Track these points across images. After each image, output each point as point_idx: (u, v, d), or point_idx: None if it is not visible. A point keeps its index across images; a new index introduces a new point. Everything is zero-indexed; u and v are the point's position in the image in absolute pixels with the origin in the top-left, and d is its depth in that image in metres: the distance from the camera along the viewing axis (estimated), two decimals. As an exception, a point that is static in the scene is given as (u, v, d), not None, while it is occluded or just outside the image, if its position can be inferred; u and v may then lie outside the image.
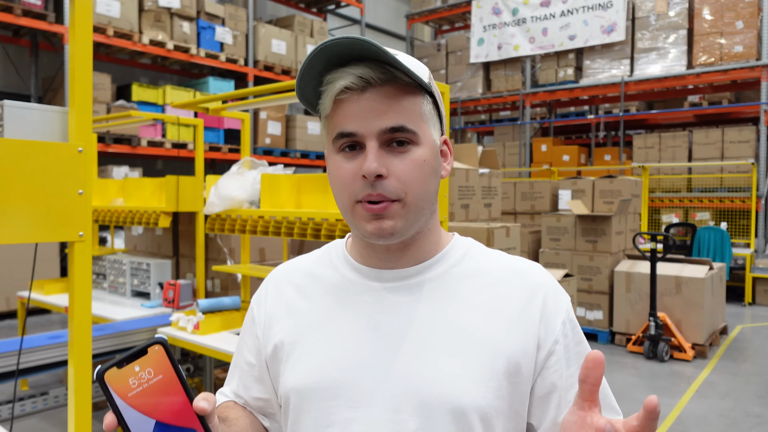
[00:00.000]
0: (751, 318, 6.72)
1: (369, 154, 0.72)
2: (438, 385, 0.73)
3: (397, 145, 0.74)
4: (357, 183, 0.73)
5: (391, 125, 0.73)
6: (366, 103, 0.73)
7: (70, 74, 1.26)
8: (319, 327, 0.80)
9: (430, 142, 0.77)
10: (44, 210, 1.23)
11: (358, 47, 0.71)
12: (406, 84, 0.75)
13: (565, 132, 12.57)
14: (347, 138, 0.74)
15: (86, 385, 1.37)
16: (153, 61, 8.42)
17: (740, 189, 8.53)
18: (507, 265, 0.83)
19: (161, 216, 3.38)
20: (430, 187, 0.77)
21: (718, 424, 3.58)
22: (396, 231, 0.74)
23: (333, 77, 0.74)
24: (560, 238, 5.84)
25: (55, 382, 4.19)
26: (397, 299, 0.79)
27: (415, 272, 0.80)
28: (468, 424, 0.73)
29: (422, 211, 0.77)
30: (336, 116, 0.76)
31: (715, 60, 8.49)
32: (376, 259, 0.81)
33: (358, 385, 0.75)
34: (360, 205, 0.74)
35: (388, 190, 0.73)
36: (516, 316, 0.78)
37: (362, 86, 0.73)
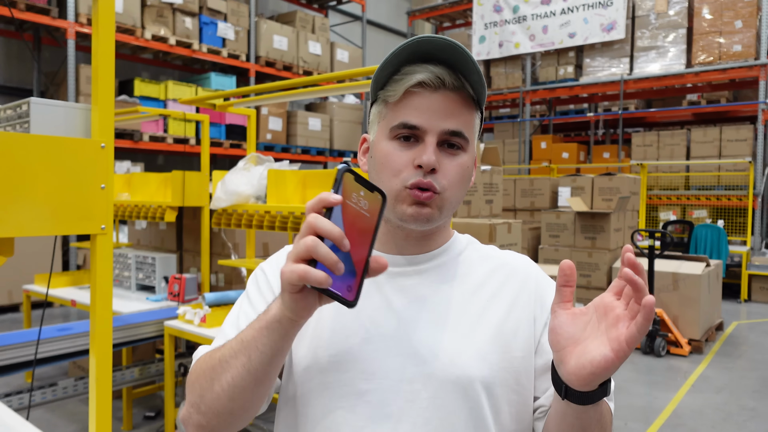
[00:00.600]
0: (747, 314, 6.79)
1: (428, 148, 0.79)
2: (447, 358, 0.80)
3: (449, 147, 0.82)
4: (409, 170, 0.79)
5: (453, 128, 0.80)
6: (436, 102, 0.80)
7: (93, 73, 1.30)
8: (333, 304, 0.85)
9: (473, 153, 0.86)
10: (68, 203, 1.28)
11: (449, 49, 0.78)
12: (469, 97, 0.83)
13: (565, 129, 12.62)
14: (408, 129, 0.80)
15: (107, 375, 1.42)
16: (155, 57, 8.45)
17: (737, 187, 8.60)
18: (501, 255, 0.94)
19: (167, 210, 3.42)
20: (464, 190, 0.85)
21: (713, 418, 3.65)
22: (432, 219, 0.81)
23: (412, 69, 0.80)
24: (559, 235, 5.90)
25: (60, 374, 4.25)
26: (409, 281, 0.85)
27: (426, 259, 0.88)
28: (474, 394, 0.80)
29: (452, 209, 0.85)
30: (403, 106, 0.81)
31: (713, 59, 8.54)
32: (392, 245, 0.88)
33: (371, 358, 0.80)
34: (407, 190, 0.80)
35: (438, 181, 0.80)
36: (514, 297, 0.87)
37: (437, 85, 0.79)
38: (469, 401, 0.79)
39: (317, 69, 9.26)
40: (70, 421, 3.47)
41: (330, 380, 0.81)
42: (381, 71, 0.82)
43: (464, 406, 0.79)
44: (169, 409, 3.08)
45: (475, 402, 0.79)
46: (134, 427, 3.41)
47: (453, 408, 0.79)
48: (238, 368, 0.71)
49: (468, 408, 0.79)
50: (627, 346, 0.63)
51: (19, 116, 1.30)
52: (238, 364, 0.71)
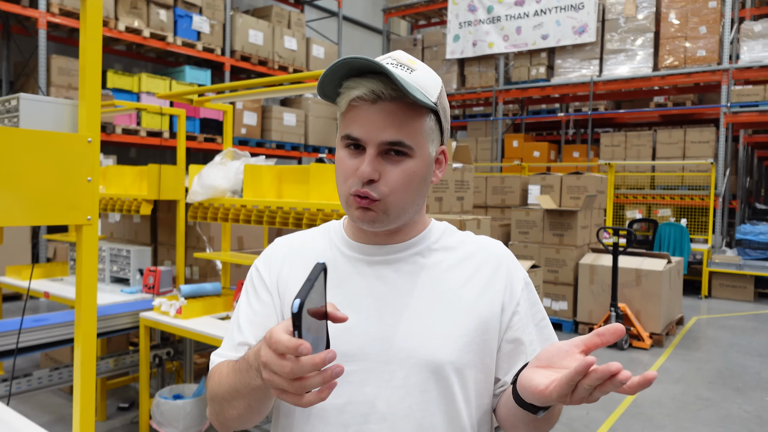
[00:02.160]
0: (707, 310, 7.07)
1: (366, 159, 0.85)
2: (419, 341, 0.88)
3: (394, 154, 0.86)
4: (353, 178, 0.86)
5: (390, 140, 0.84)
6: (373, 115, 0.84)
7: (81, 70, 1.35)
8: None
9: (424, 156, 0.89)
10: (56, 195, 1.33)
11: (374, 67, 0.82)
12: (413, 103, 0.85)
13: (537, 129, 12.86)
14: (352, 140, 0.87)
15: (92, 365, 1.47)
16: (128, 48, 8.35)
17: (700, 187, 8.91)
18: (475, 241, 1.00)
19: (143, 204, 3.45)
20: (414, 193, 0.89)
21: (670, 407, 3.83)
22: (377, 221, 0.87)
23: (351, 85, 0.85)
24: (529, 232, 6.06)
25: (31, 366, 4.23)
26: (385, 271, 0.92)
27: (401, 249, 0.94)
28: (444, 374, 0.88)
29: (404, 211, 0.89)
30: (347, 118, 0.87)
31: (679, 63, 8.82)
32: (367, 239, 0.95)
33: (352, 343, 0.88)
34: (352, 197, 0.87)
35: (376, 191, 0.85)
36: (485, 284, 0.93)
37: (373, 99, 0.83)
38: (441, 381, 0.87)
39: (293, 64, 9.27)
40: (43, 412, 3.48)
41: None
42: (322, 88, 0.87)
43: (436, 386, 0.87)
44: (144, 400, 3.12)
45: (446, 382, 0.88)
46: (108, 417, 3.44)
47: (426, 387, 0.87)
48: (240, 409, 0.84)
49: (440, 388, 0.87)
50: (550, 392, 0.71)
51: (8, 111, 1.34)
52: (240, 406, 0.83)
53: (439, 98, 0.89)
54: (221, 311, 3.06)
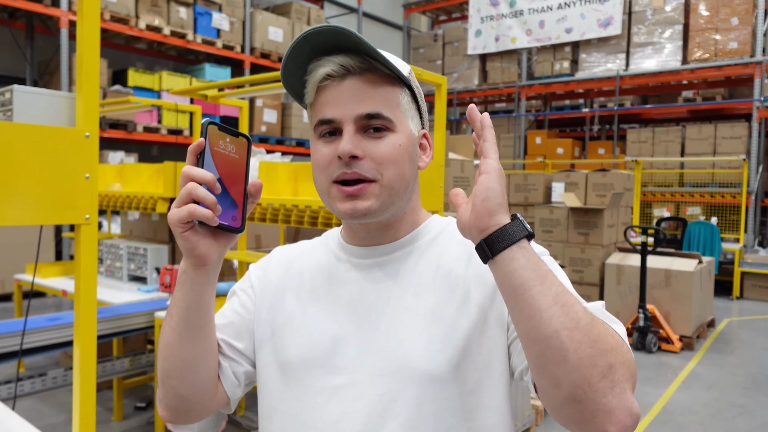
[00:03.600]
0: (739, 312, 6.83)
1: (345, 136, 0.76)
2: (413, 351, 0.78)
3: (373, 131, 0.78)
4: (333, 164, 0.78)
5: (368, 111, 0.77)
6: (345, 90, 0.77)
7: (78, 61, 1.29)
8: (309, 300, 0.86)
9: (406, 131, 0.81)
10: (52, 193, 1.27)
11: (338, 36, 0.75)
12: (386, 75, 0.79)
13: (560, 125, 12.62)
14: (327, 125, 0.78)
15: (91, 366, 1.41)
16: (149, 47, 8.39)
17: (731, 184, 8.62)
18: None
19: (159, 201, 3.40)
20: (405, 170, 0.80)
21: (702, 414, 3.67)
22: (370, 211, 0.78)
23: (315, 65, 0.78)
24: (553, 230, 5.91)
25: (51, 364, 4.24)
26: (378, 273, 0.84)
27: (395, 248, 0.85)
28: (442, 385, 0.77)
29: (398, 194, 0.80)
30: (317, 104, 0.80)
31: (709, 56, 8.55)
32: (358, 239, 0.87)
33: (343, 354, 0.80)
34: (335, 186, 0.78)
35: (365, 169, 0.77)
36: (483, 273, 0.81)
37: (342, 74, 0.77)
38: (439, 392, 0.78)
39: (313, 61, 9.22)
40: (60, 411, 3.46)
41: (307, 376, 0.82)
42: (287, 78, 0.82)
43: (433, 396, 0.77)
44: (159, 401, 3.08)
45: (445, 392, 0.77)
46: (125, 417, 3.40)
47: (422, 400, 0.77)
48: (165, 330, 0.80)
49: (438, 398, 0.77)
50: (486, 156, 0.68)
51: (2, 104, 1.28)
52: (165, 326, 0.80)
53: (410, 77, 0.83)
54: (236, 311, 2.99)
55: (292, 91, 0.84)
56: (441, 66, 11.20)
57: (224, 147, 0.74)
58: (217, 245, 0.75)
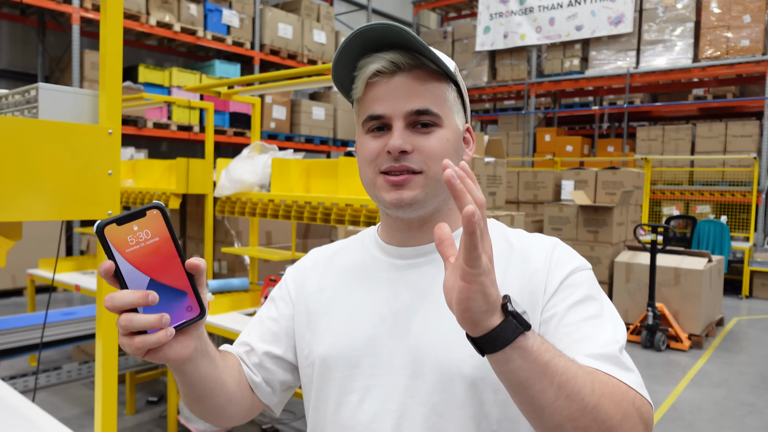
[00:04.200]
0: (748, 311, 6.80)
1: (395, 132, 0.78)
2: (446, 353, 0.78)
3: (422, 126, 0.79)
4: (382, 157, 0.79)
5: (417, 107, 0.78)
6: (395, 86, 0.78)
7: (101, 60, 1.30)
8: (345, 300, 0.87)
9: (453, 126, 0.83)
10: (76, 189, 1.29)
11: (391, 33, 0.76)
12: (433, 71, 0.81)
13: (569, 122, 12.58)
14: (376, 120, 0.80)
15: (113, 359, 1.43)
16: (159, 43, 8.43)
17: (741, 183, 8.57)
18: (520, 240, 0.86)
19: (171, 197, 3.43)
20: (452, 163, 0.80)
21: (711, 412, 3.67)
22: (415, 201, 0.79)
23: (366, 62, 0.80)
24: (562, 228, 5.90)
25: (63, 358, 4.28)
26: (414, 275, 0.84)
27: (430, 250, 0.84)
28: (475, 390, 0.77)
29: (443, 186, 0.80)
30: (366, 99, 0.81)
31: (721, 54, 8.49)
32: (399, 236, 0.87)
33: (377, 354, 0.81)
34: (382, 176, 0.80)
35: (413, 162, 0.78)
36: (519, 278, 0.80)
37: (392, 70, 0.78)
38: (471, 398, 0.77)
39: (322, 58, 9.23)
40: (74, 405, 3.51)
41: (339, 375, 0.83)
42: (337, 73, 0.83)
43: (465, 402, 0.77)
44: (172, 394, 3.11)
45: (477, 399, 0.77)
46: (137, 411, 3.44)
47: (453, 405, 0.77)
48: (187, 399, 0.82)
49: (469, 404, 0.77)
50: (467, 265, 0.55)
51: (27, 101, 1.30)
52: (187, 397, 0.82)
53: (456, 73, 0.84)
54: (249, 307, 3.02)
55: (340, 86, 0.85)
56: (450, 63, 11.17)
57: (136, 239, 0.63)
58: (187, 339, 0.68)
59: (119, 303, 0.61)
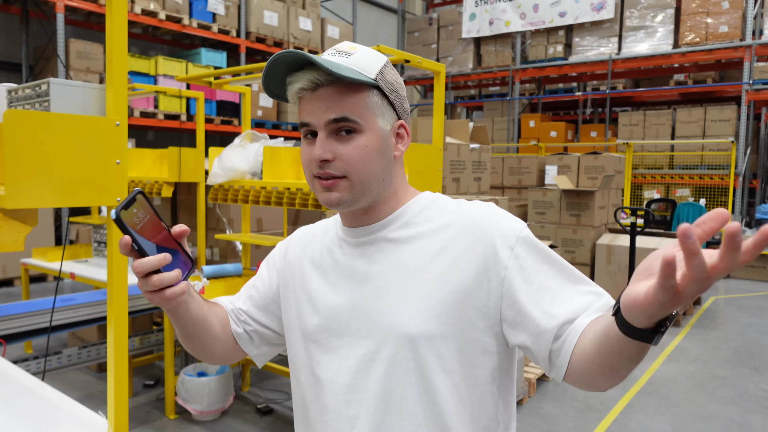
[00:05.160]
0: (725, 290, 7.03)
1: (318, 142, 0.91)
2: (390, 317, 0.92)
3: (345, 133, 0.91)
4: (313, 163, 0.92)
5: (334, 117, 0.89)
6: (317, 101, 0.90)
7: (108, 55, 1.39)
8: (320, 276, 1.02)
9: (375, 130, 0.92)
10: (87, 177, 1.37)
11: (303, 60, 0.89)
12: (351, 83, 0.90)
13: (553, 108, 12.72)
14: (306, 127, 0.92)
15: (124, 343, 1.53)
16: (144, 31, 8.39)
17: (720, 166, 8.79)
18: (461, 210, 0.97)
19: (164, 186, 3.50)
20: (374, 167, 0.92)
21: (686, 385, 3.85)
22: (342, 201, 0.92)
23: (291, 80, 0.92)
24: (546, 212, 6.05)
25: (58, 345, 4.36)
26: (366, 251, 0.98)
27: (377, 228, 0.98)
28: (415, 346, 0.90)
29: (369, 187, 0.93)
30: (299, 110, 0.94)
31: (700, 39, 8.65)
32: (348, 221, 1.01)
33: (340, 320, 0.96)
34: (317, 180, 0.93)
35: (334, 168, 0.90)
36: (460, 251, 0.91)
37: (313, 87, 0.90)
38: (413, 354, 0.90)
39: (308, 45, 9.25)
40: (72, 389, 3.59)
41: (319, 340, 0.99)
42: (269, 89, 0.95)
43: (408, 358, 0.90)
44: (169, 378, 3.21)
45: (417, 354, 0.90)
46: (134, 394, 3.54)
47: (396, 360, 0.91)
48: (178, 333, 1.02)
49: (412, 360, 0.90)
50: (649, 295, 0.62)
51: (38, 95, 1.39)
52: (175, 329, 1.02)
53: (381, 74, 0.93)
54: (242, 291, 3.12)
55: (277, 98, 0.98)
56: (436, 50, 11.24)
57: (138, 218, 0.82)
58: (181, 285, 0.87)
59: (147, 267, 0.82)
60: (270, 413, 3.32)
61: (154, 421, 3.21)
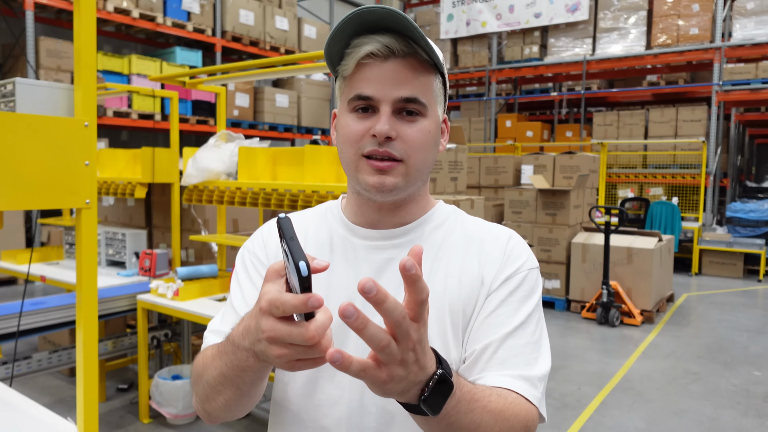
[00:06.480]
0: (697, 287, 7.17)
1: (382, 117, 0.79)
2: None
3: (407, 114, 0.81)
4: (365, 140, 0.81)
5: (407, 95, 0.80)
6: (386, 71, 0.80)
7: (76, 54, 1.36)
8: (324, 276, 0.87)
9: (435, 117, 0.85)
10: (54, 179, 1.34)
11: (391, 18, 0.77)
12: (424, 61, 0.82)
13: (530, 108, 12.85)
14: (363, 101, 0.81)
15: (94, 347, 1.50)
16: (117, 29, 8.24)
17: (691, 166, 8.97)
18: (481, 229, 0.92)
19: (137, 187, 3.45)
20: (430, 155, 0.85)
21: (659, 381, 3.92)
22: (396, 188, 0.81)
23: (360, 41, 0.80)
24: (522, 211, 6.10)
25: (29, 349, 4.26)
26: (380, 257, 0.87)
27: (401, 233, 0.88)
28: None
29: (421, 176, 0.85)
30: (356, 78, 0.82)
31: (672, 41, 8.81)
32: (367, 218, 0.89)
33: (346, 331, 0.82)
34: (365, 160, 0.81)
35: (396, 149, 0.80)
36: (468, 269, 0.86)
37: (386, 54, 0.79)
38: None
39: (284, 45, 9.19)
40: (42, 394, 3.52)
41: None
42: (330, 47, 0.82)
43: None
44: (143, 381, 3.16)
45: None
46: (108, 398, 3.48)
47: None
48: (228, 395, 0.77)
49: None
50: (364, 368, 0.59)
51: (4, 95, 1.35)
52: (228, 392, 0.76)
53: (443, 64, 0.86)
54: (218, 293, 3.09)
55: (329, 59, 0.85)
56: (412, 50, 11.24)
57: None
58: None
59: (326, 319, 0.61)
60: (247, 416, 3.29)
61: (128, 425, 3.15)
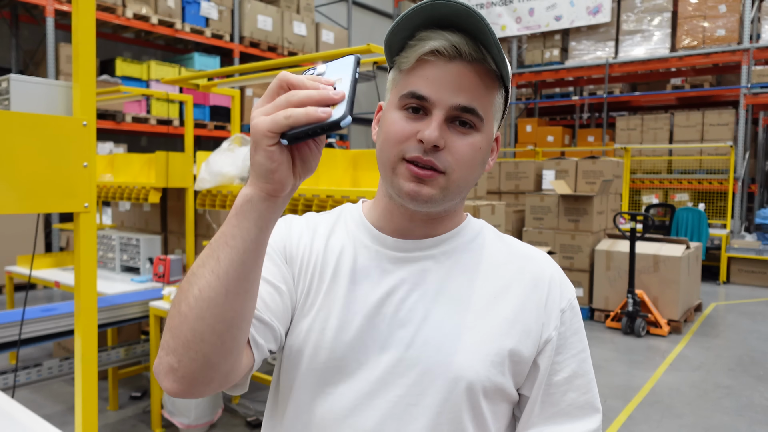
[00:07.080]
0: (725, 296, 6.94)
1: (433, 123, 0.72)
2: (442, 354, 0.75)
3: (460, 124, 0.74)
4: (410, 143, 0.73)
5: (465, 104, 0.72)
6: (449, 73, 0.72)
7: (74, 51, 1.29)
8: (332, 286, 0.81)
9: (489, 133, 0.77)
10: (51, 182, 1.28)
11: (467, 16, 0.70)
12: (490, 71, 0.74)
13: (550, 113, 12.66)
14: (417, 100, 0.73)
15: (93, 354, 1.43)
16: (137, 36, 8.30)
17: (718, 171, 8.72)
18: (517, 249, 0.86)
19: (151, 192, 3.40)
20: (475, 173, 0.77)
21: (689, 395, 3.75)
22: (431, 200, 0.74)
23: (427, 35, 0.73)
24: (543, 218, 5.95)
25: (44, 355, 4.24)
26: (413, 267, 0.80)
27: (434, 243, 0.81)
28: (470, 395, 0.75)
29: (460, 192, 0.77)
30: (414, 74, 0.74)
31: (698, 43, 8.60)
32: (396, 226, 0.81)
33: (366, 347, 0.77)
34: (405, 164, 0.73)
35: (440, 160, 0.73)
36: (523, 300, 0.79)
37: (452, 55, 0.72)
38: (466, 404, 0.75)
39: (302, 50, 9.17)
40: (56, 402, 3.48)
41: (324, 365, 0.78)
42: (393, 35, 0.74)
43: (463, 409, 0.75)
44: (155, 389, 3.10)
45: (472, 404, 0.75)
46: (120, 407, 3.42)
47: (450, 410, 0.75)
48: (205, 276, 0.62)
49: (468, 412, 0.75)
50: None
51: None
52: (206, 271, 0.62)
53: (510, 79, 0.78)
54: (231, 300, 3.01)
55: (388, 48, 0.77)
56: (431, 54, 11.15)
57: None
58: (294, 175, 0.63)
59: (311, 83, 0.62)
60: (260, 426, 3.20)
61: (140, 435, 3.09)
